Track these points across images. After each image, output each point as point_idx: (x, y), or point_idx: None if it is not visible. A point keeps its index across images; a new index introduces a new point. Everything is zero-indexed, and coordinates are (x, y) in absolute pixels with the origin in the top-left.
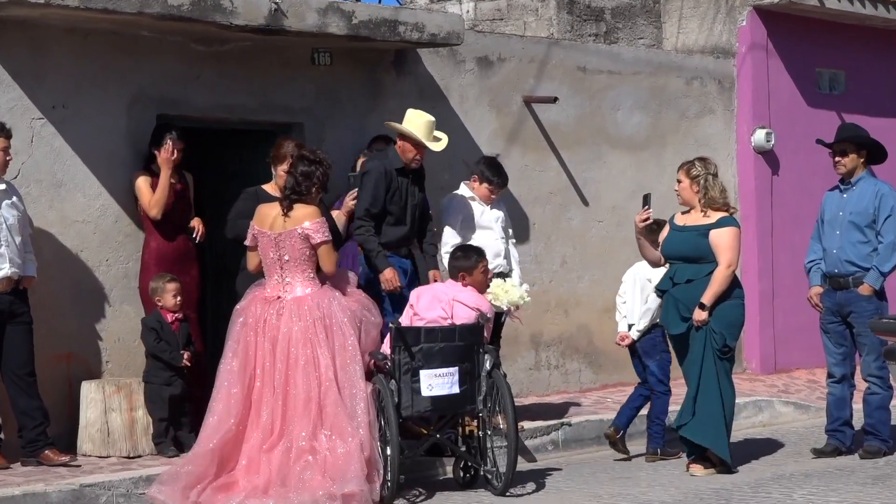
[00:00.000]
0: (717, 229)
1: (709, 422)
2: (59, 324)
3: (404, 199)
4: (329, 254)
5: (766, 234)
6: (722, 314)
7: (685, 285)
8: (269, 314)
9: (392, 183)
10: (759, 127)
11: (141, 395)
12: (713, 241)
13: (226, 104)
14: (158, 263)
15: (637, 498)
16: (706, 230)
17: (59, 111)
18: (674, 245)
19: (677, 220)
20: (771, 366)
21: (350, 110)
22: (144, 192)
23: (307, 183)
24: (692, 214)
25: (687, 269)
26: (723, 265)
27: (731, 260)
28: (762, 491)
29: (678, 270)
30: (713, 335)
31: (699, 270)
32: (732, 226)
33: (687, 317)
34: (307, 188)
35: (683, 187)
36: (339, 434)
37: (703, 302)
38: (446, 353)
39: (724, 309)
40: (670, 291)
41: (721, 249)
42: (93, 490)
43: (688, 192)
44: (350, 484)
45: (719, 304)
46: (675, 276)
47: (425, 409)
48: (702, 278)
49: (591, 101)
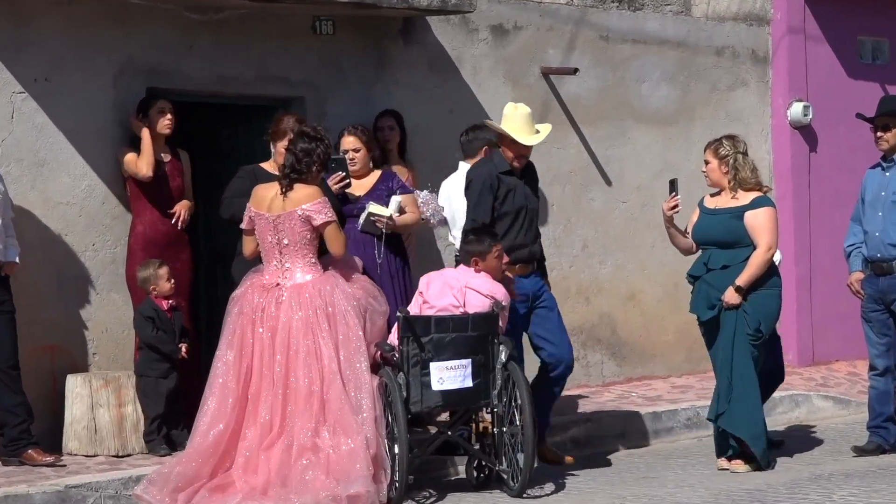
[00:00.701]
0: (752, 210)
1: (746, 411)
2: (42, 313)
3: (517, 205)
4: (336, 235)
5: (804, 215)
6: (758, 302)
7: (720, 271)
8: (268, 302)
9: (500, 189)
10: (796, 100)
11: (130, 389)
12: (749, 224)
13: (221, 76)
14: (146, 248)
15: (664, 500)
16: (740, 212)
17: (42, 84)
18: (706, 229)
19: (707, 203)
20: (808, 357)
21: (354, 83)
22: (131, 161)
23: (307, 160)
24: (723, 196)
25: (722, 255)
26: (762, 248)
27: (771, 242)
28: (799, 492)
29: (712, 256)
30: (745, 317)
31: (735, 256)
32: (768, 205)
33: (716, 303)
34: (307, 166)
35: (712, 168)
36: (344, 430)
37: (739, 284)
38: (458, 343)
39: (760, 297)
40: (703, 277)
41: (759, 231)
42: (79, 491)
43: (717, 174)
44: (355, 484)
45: (754, 291)
46: (709, 262)
47: (436, 403)
48: (738, 264)
49: (614, 73)
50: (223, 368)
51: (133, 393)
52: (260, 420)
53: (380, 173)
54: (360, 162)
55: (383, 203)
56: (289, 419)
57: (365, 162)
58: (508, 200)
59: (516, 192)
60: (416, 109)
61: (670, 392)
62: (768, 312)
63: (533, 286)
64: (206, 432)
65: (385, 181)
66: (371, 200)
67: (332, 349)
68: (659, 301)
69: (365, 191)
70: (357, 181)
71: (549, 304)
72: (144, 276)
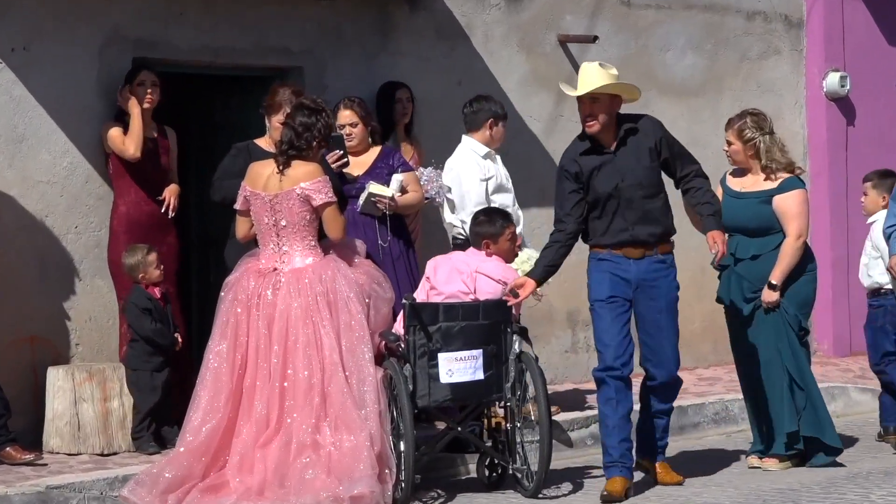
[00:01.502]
0: (781, 194)
1: (824, 415)
2: (20, 302)
3: (603, 189)
4: (335, 217)
5: (840, 194)
6: (795, 292)
7: (750, 262)
8: (264, 289)
9: (582, 173)
10: (832, 70)
11: (116, 382)
12: (778, 208)
13: (213, 46)
14: (129, 231)
15: (690, 500)
16: (768, 196)
17: (20, 54)
18: (732, 215)
19: (732, 184)
20: (845, 347)
21: (356, 52)
22: (117, 138)
23: (307, 135)
24: (749, 177)
25: (751, 244)
26: (792, 236)
27: (801, 229)
28: (835, 491)
29: (740, 244)
30: (787, 316)
31: (765, 244)
32: (798, 188)
33: (751, 297)
34: (307, 142)
35: (735, 150)
36: (346, 426)
37: (773, 281)
38: (468, 333)
39: (797, 286)
40: (733, 268)
41: (788, 217)
42: (61, 492)
43: (741, 156)
44: (359, 484)
45: (790, 280)
46: (736, 251)
47: (444, 397)
48: (769, 252)
49: (636, 41)
50: (216, 360)
51: (119, 387)
52: (255, 416)
53: (379, 150)
54: (358, 137)
55: (384, 182)
56: (287, 414)
57: (363, 137)
58: (595, 183)
59: (602, 171)
60: (423, 81)
61: (697, 385)
62: (806, 301)
63: (638, 272)
64: (197, 429)
65: (385, 158)
66: (371, 179)
67: (333, 339)
68: (684, 287)
69: (364, 169)
70: (355, 159)
71: (655, 296)
72: (132, 264)
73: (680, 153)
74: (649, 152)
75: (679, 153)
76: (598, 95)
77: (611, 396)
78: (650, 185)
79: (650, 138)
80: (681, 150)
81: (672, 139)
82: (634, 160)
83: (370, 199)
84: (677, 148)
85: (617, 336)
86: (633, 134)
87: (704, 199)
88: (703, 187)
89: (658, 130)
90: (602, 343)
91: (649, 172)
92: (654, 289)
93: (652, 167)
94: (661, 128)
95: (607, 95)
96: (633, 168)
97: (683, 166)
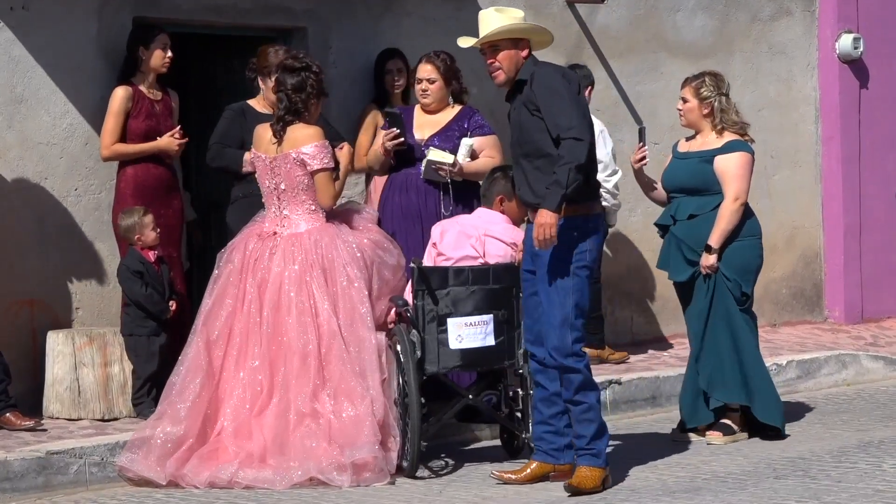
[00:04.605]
0: (723, 154)
1: (768, 395)
2: (20, 264)
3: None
4: (325, 184)
5: (853, 159)
6: (731, 257)
7: (687, 222)
8: (262, 252)
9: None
10: (846, 31)
11: (117, 347)
12: (718, 169)
13: (214, 5)
14: (135, 194)
15: (699, 468)
16: (711, 156)
17: (18, 13)
18: (673, 175)
19: (680, 147)
20: (857, 314)
21: (361, 12)
22: (110, 121)
23: (301, 96)
24: (697, 139)
25: (689, 203)
26: (729, 198)
27: (739, 191)
28: (846, 461)
29: (680, 204)
30: (726, 282)
31: (704, 204)
32: (743, 150)
33: (692, 260)
34: (304, 103)
35: (690, 108)
36: (347, 396)
37: (710, 244)
38: (478, 297)
39: (734, 251)
40: (671, 230)
41: (727, 178)
42: (62, 458)
43: (695, 114)
44: (361, 450)
45: (729, 244)
46: (676, 212)
47: (454, 364)
48: (707, 213)
49: (645, 1)
50: (203, 318)
51: (120, 351)
52: (244, 381)
53: (458, 109)
54: (434, 95)
55: (453, 145)
56: (282, 381)
57: (440, 96)
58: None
59: (510, 124)
60: (428, 42)
61: None
62: (745, 267)
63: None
64: (183, 389)
65: (460, 120)
66: (439, 141)
67: (328, 306)
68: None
69: (435, 129)
70: (429, 118)
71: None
72: (127, 225)
73: (553, 110)
74: (525, 106)
75: (552, 110)
76: (497, 42)
77: (533, 378)
78: (528, 142)
79: (530, 90)
80: (559, 105)
81: (553, 90)
82: (517, 115)
83: (430, 166)
84: (556, 102)
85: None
86: (523, 85)
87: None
88: (562, 156)
89: (540, 80)
90: None
91: (528, 129)
92: (538, 257)
93: (531, 123)
94: (546, 76)
95: (509, 41)
96: (517, 122)
97: (556, 126)
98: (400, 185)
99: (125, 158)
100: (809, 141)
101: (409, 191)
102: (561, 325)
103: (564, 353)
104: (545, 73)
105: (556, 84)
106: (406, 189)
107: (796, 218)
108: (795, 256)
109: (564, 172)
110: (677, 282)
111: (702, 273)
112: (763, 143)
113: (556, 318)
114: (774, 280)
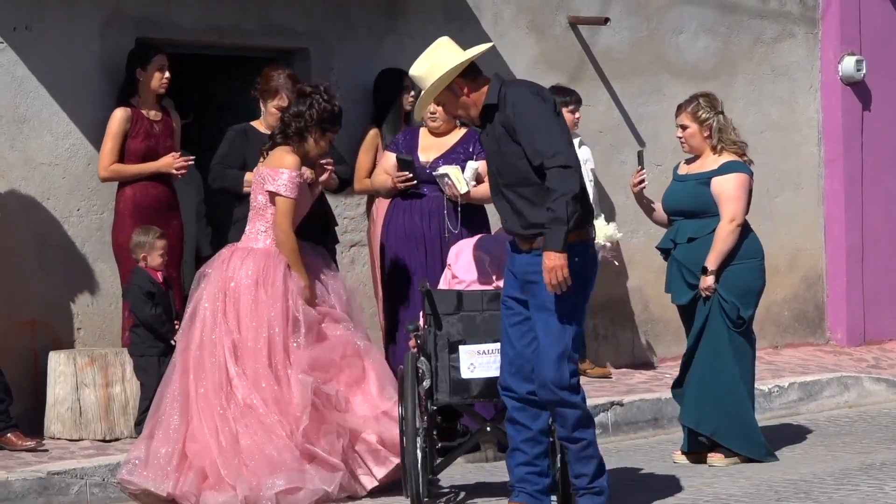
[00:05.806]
0: (720, 176)
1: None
2: (21, 285)
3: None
4: (282, 213)
5: (855, 181)
6: (730, 279)
7: (687, 245)
8: (224, 266)
9: None
10: (848, 53)
11: (118, 367)
12: (715, 190)
13: (216, 26)
14: (135, 214)
15: (700, 490)
16: (708, 178)
17: (22, 34)
18: (673, 197)
19: (680, 170)
20: (859, 336)
21: (363, 33)
22: (108, 142)
23: (299, 123)
24: (698, 161)
25: (689, 226)
26: (725, 219)
27: (735, 213)
28: (848, 483)
29: (680, 227)
30: (723, 304)
31: (703, 226)
32: (740, 171)
33: (692, 283)
34: (298, 130)
35: (691, 133)
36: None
37: (706, 265)
38: (492, 323)
39: (733, 273)
40: (673, 254)
41: (723, 200)
42: (63, 478)
43: (697, 139)
44: (280, 478)
45: (728, 266)
46: (676, 236)
47: (467, 394)
48: (705, 236)
49: (648, 23)
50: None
51: (121, 372)
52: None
53: (464, 132)
54: (441, 118)
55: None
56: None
57: (447, 119)
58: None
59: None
60: None
61: None
62: (745, 290)
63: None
64: (162, 391)
65: (466, 142)
66: (440, 164)
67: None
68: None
69: (441, 151)
70: (436, 139)
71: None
72: (139, 241)
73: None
74: (504, 131)
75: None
76: (437, 98)
77: (509, 416)
78: (511, 172)
79: (504, 114)
80: (537, 129)
81: (530, 113)
82: (493, 143)
83: (443, 178)
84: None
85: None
86: (494, 111)
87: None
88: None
89: (513, 102)
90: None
91: (509, 157)
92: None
93: (511, 150)
94: (518, 97)
95: (443, 90)
96: (495, 151)
97: (536, 153)
98: (404, 208)
99: (123, 179)
100: (812, 163)
101: (412, 213)
102: (559, 359)
103: (562, 386)
104: (516, 93)
105: (531, 105)
106: (410, 212)
107: (798, 240)
108: (797, 278)
109: (562, 207)
110: (679, 305)
111: (702, 296)
112: (765, 165)
113: (555, 350)
114: (776, 302)
